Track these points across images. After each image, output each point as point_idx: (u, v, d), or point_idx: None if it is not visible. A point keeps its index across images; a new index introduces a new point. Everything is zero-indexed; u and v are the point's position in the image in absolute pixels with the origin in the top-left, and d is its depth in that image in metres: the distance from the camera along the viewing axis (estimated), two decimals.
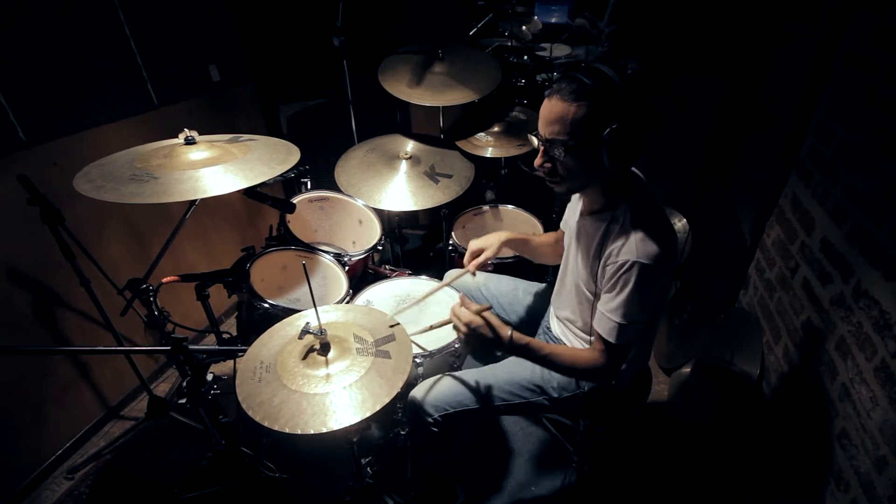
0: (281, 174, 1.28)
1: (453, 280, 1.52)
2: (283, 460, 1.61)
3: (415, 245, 2.84)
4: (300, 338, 1.12)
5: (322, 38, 2.02)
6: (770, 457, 1.64)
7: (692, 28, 2.26)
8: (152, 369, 2.16)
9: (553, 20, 2.91)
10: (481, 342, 1.10)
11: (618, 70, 0.98)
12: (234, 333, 1.81)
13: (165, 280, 1.37)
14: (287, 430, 0.94)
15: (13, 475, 1.67)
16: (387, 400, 1.00)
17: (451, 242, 1.93)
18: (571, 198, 1.34)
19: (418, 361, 1.41)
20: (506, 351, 1.13)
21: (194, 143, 1.29)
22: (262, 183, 1.23)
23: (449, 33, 2.56)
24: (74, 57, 1.65)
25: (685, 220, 2.27)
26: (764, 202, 1.93)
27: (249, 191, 1.36)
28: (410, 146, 2.02)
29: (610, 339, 1.09)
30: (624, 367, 1.23)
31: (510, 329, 1.11)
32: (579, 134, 1.00)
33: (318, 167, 2.07)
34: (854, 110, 1.45)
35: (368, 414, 0.97)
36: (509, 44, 2.46)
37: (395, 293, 1.68)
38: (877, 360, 1.20)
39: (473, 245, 1.44)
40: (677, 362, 2.09)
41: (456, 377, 1.32)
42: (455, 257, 1.95)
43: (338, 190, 1.92)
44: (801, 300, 1.60)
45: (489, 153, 2.01)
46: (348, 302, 1.61)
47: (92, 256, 1.54)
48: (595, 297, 1.16)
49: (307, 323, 1.14)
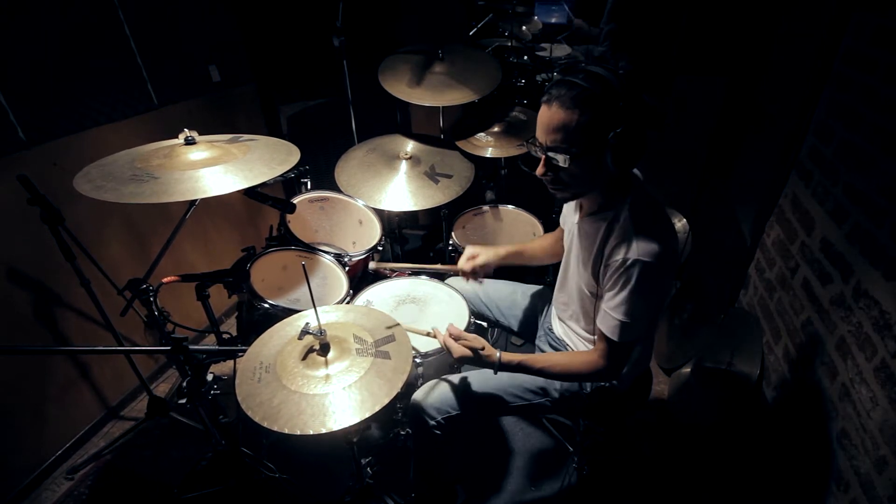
0: (281, 174, 1.28)
1: (442, 269, 1.53)
2: (283, 460, 1.61)
3: (415, 245, 2.84)
4: (300, 338, 1.12)
5: (322, 38, 2.02)
6: (770, 457, 1.64)
7: (692, 28, 2.26)
8: (152, 369, 2.16)
9: (553, 20, 2.91)
10: (477, 365, 1.18)
11: (614, 72, 0.98)
12: (234, 333, 1.81)
13: (165, 280, 1.37)
14: (286, 431, 0.94)
15: (13, 475, 1.67)
16: (386, 401, 1.00)
17: (451, 243, 1.93)
18: None
19: (418, 361, 1.41)
20: (495, 371, 1.18)
21: (194, 144, 1.29)
22: (263, 183, 1.23)
23: (449, 33, 2.56)
24: (74, 57, 1.65)
25: (685, 220, 2.27)
26: (764, 202, 1.93)
27: (249, 191, 1.36)
28: (410, 146, 2.01)
29: (613, 337, 1.09)
30: (626, 370, 1.23)
31: (498, 353, 1.17)
32: (583, 141, 0.99)
33: (318, 167, 2.07)
34: (854, 110, 1.45)
35: (368, 415, 0.97)
36: (509, 44, 2.46)
37: (396, 293, 1.68)
38: (877, 360, 1.20)
39: (471, 250, 1.46)
40: (677, 362, 2.09)
41: (458, 379, 1.32)
42: (455, 257, 1.94)
43: (338, 190, 1.91)
44: (801, 300, 1.60)
45: (489, 153, 2.01)
46: (348, 302, 1.61)
47: (92, 256, 1.54)
48: (597, 297, 1.16)
49: (307, 323, 1.14)
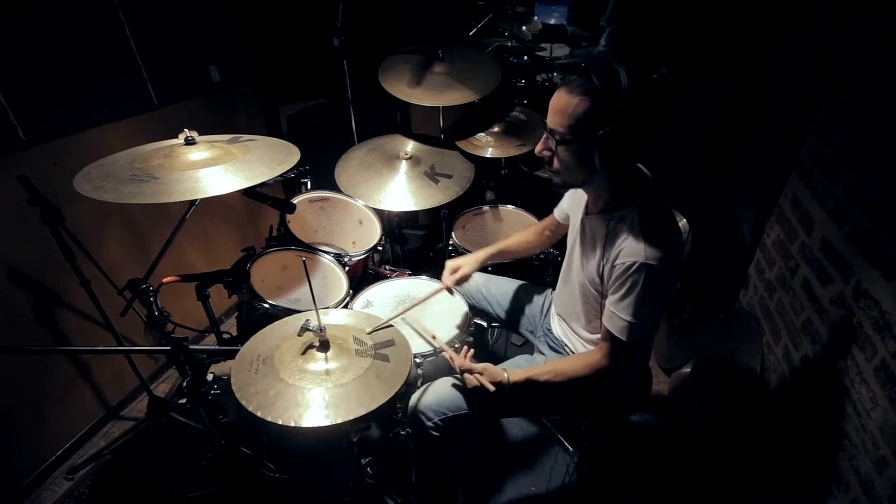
0: (281, 174, 1.28)
1: (428, 297, 1.49)
2: (283, 460, 1.61)
3: (415, 245, 2.84)
4: (300, 335, 1.12)
5: (322, 38, 2.02)
6: (770, 457, 1.64)
7: (692, 28, 2.26)
8: (152, 369, 2.16)
9: (553, 20, 2.91)
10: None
11: (633, 73, 0.96)
12: (234, 333, 1.81)
13: (166, 280, 1.37)
14: (280, 422, 0.94)
15: (13, 475, 1.67)
16: (383, 400, 1.00)
17: (451, 243, 1.93)
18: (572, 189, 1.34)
19: (418, 361, 1.41)
20: (507, 392, 1.19)
21: (194, 144, 1.29)
22: (262, 183, 1.23)
23: (449, 33, 2.56)
24: (74, 57, 1.65)
25: (685, 220, 2.27)
26: (764, 202, 1.93)
27: (249, 191, 1.36)
28: (410, 146, 2.01)
29: (622, 337, 1.09)
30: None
31: (504, 373, 1.19)
32: (575, 129, 1.01)
33: (318, 167, 2.07)
34: (854, 110, 1.45)
35: (364, 412, 0.97)
36: (509, 44, 2.46)
37: (395, 293, 1.68)
38: (877, 360, 1.20)
39: (451, 264, 1.48)
40: (677, 362, 2.09)
41: (455, 381, 1.32)
42: (455, 258, 1.94)
43: (338, 190, 1.91)
44: (801, 300, 1.59)
45: (489, 153, 2.01)
46: (348, 302, 1.61)
47: (92, 256, 1.54)
48: (602, 296, 1.17)
49: (307, 320, 1.14)
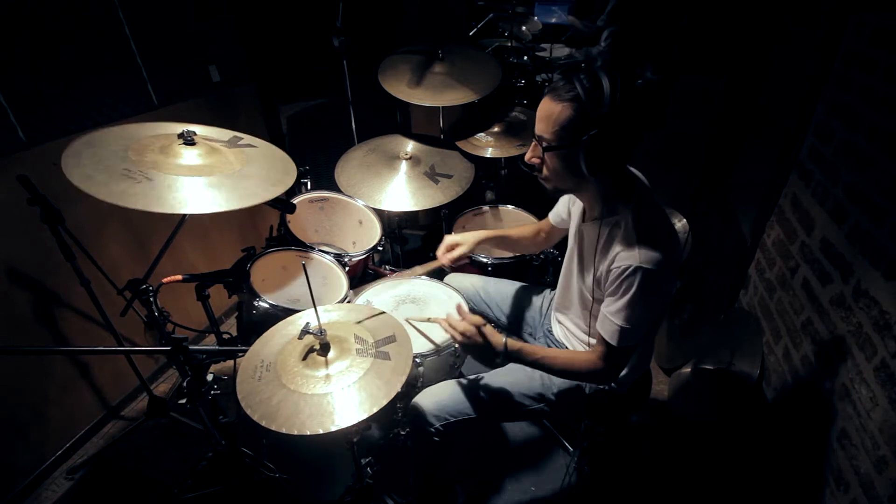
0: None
1: (426, 271, 1.54)
2: (283, 460, 1.60)
3: (415, 245, 2.84)
4: (300, 338, 1.12)
5: (322, 39, 2.02)
6: (770, 457, 1.64)
7: (692, 28, 2.26)
8: (152, 369, 2.16)
9: (553, 20, 2.91)
10: (477, 349, 1.15)
11: (616, 79, 0.96)
12: (234, 333, 1.81)
13: (166, 280, 1.37)
14: (284, 431, 0.94)
15: (13, 475, 1.67)
16: (384, 402, 1.00)
17: None
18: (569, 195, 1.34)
19: (419, 361, 1.41)
20: (501, 357, 1.16)
21: (193, 144, 1.27)
22: None
23: (449, 33, 2.56)
24: (74, 57, 1.65)
25: (685, 220, 2.27)
26: (764, 202, 1.93)
27: None
28: (410, 146, 2.02)
29: (612, 342, 1.09)
30: (625, 373, 1.23)
31: (504, 336, 1.15)
32: (561, 135, 1.01)
33: (318, 167, 2.07)
34: (854, 110, 1.45)
35: (365, 416, 0.97)
36: (509, 44, 2.46)
37: (395, 293, 1.67)
38: (877, 360, 1.20)
39: (449, 239, 1.45)
40: (677, 362, 2.09)
41: (457, 385, 1.32)
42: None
43: (338, 190, 1.91)
44: (801, 300, 1.59)
45: (489, 153, 2.01)
46: (348, 303, 1.61)
47: (92, 256, 1.54)
48: (597, 302, 1.17)
49: (307, 323, 1.14)
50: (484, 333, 1.13)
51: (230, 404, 1.28)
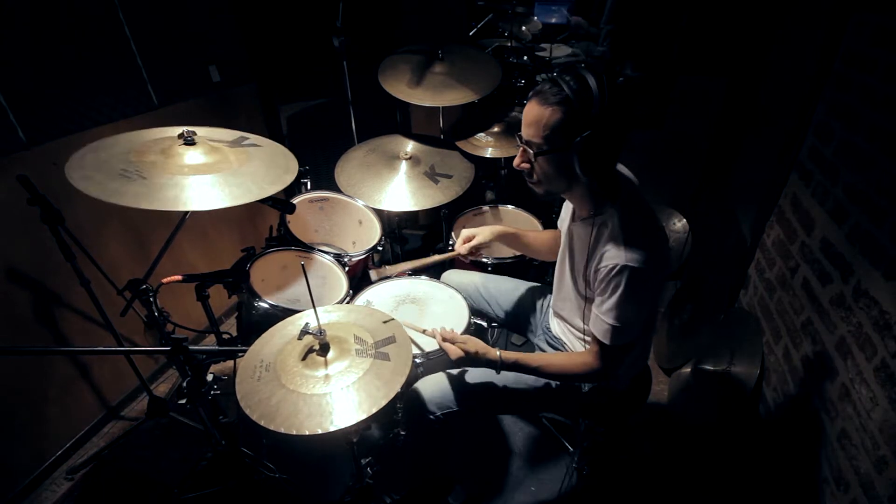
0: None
1: (440, 260, 1.55)
2: (283, 460, 1.60)
3: (415, 245, 2.84)
4: (299, 338, 1.12)
5: (322, 39, 2.02)
6: (770, 456, 1.64)
7: (692, 28, 2.26)
8: (152, 369, 2.16)
9: (553, 20, 2.91)
10: (474, 365, 1.19)
11: (602, 79, 0.97)
12: (234, 333, 1.81)
13: (166, 280, 1.37)
14: (283, 430, 0.94)
15: (13, 475, 1.67)
16: (383, 403, 1.00)
17: (451, 243, 1.92)
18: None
19: (418, 362, 1.41)
20: (498, 369, 1.19)
21: (193, 144, 1.26)
22: None
23: (449, 33, 2.56)
24: (74, 57, 1.65)
25: (685, 220, 2.27)
26: (764, 202, 1.93)
27: None
28: (410, 146, 2.01)
29: (605, 341, 1.09)
30: (622, 370, 1.23)
31: (498, 350, 1.18)
32: (552, 139, 1.01)
33: (318, 167, 2.07)
34: (854, 110, 1.45)
35: (364, 417, 0.97)
36: (509, 44, 2.46)
37: (395, 293, 1.67)
38: (877, 360, 1.20)
39: (466, 232, 1.48)
40: (677, 362, 2.09)
41: (459, 374, 1.33)
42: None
43: (338, 190, 1.91)
44: (801, 300, 1.59)
45: (489, 153, 2.01)
46: (348, 303, 1.61)
47: (92, 256, 1.54)
48: (588, 300, 1.18)
49: (307, 324, 1.14)
50: (475, 355, 1.16)
51: (230, 404, 1.27)
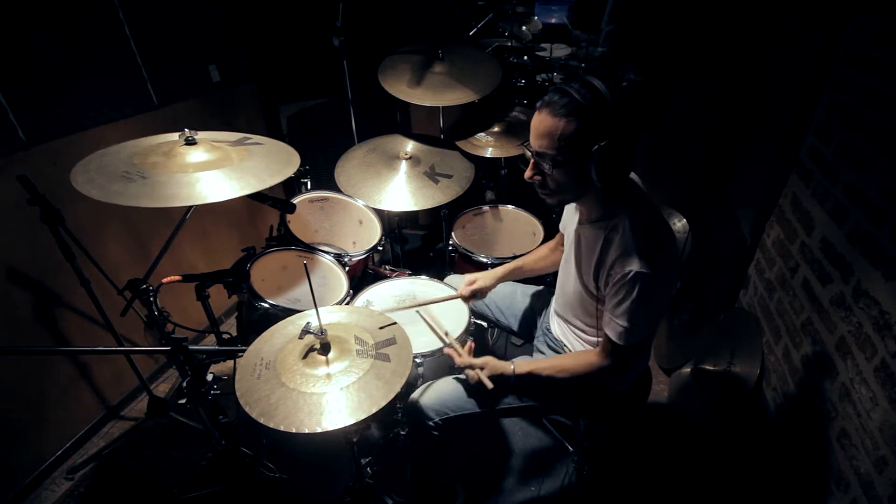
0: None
1: (441, 300, 1.53)
2: (283, 460, 1.60)
3: (415, 245, 2.84)
4: (300, 337, 1.12)
5: (322, 38, 2.02)
6: (770, 457, 1.64)
7: (693, 28, 2.26)
8: (152, 369, 2.16)
9: (553, 20, 2.91)
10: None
11: (610, 84, 0.96)
12: (234, 333, 1.81)
13: (166, 280, 1.37)
14: (282, 428, 0.94)
15: (13, 475, 1.67)
16: (383, 403, 1.00)
17: (451, 243, 1.92)
18: None
19: (418, 361, 1.41)
20: (512, 381, 1.23)
21: (194, 144, 1.27)
22: None
23: (449, 33, 2.56)
24: (74, 57, 1.65)
25: (685, 220, 2.27)
26: (764, 202, 1.93)
27: None
28: (410, 146, 2.01)
29: (619, 342, 1.10)
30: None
31: (511, 364, 1.22)
32: (567, 150, 1.00)
33: (318, 167, 2.07)
34: (854, 110, 1.45)
35: (364, 416, 0.97)
36: (509, 44, 2.46)
37: (395, 293, 1.67)
38: (877, 360, 1.20)
39: (469, 276, 1.50)
40: (677, 362, 2.09)
41: (457, 380, 1.33)
42: (455, 258, 1.95)
43: (338, 190, 1.91)
44: (801, 300, 1.59)
45: (489, 153, 2.01)
46: (348, 302, 1.61)
47: (92, 256, 1.54)
48: (598, 301, 1.18)
49: (308, 323, 1.14)
50: (482, 377, 1.20)
51: (230, 404, 1.28)
